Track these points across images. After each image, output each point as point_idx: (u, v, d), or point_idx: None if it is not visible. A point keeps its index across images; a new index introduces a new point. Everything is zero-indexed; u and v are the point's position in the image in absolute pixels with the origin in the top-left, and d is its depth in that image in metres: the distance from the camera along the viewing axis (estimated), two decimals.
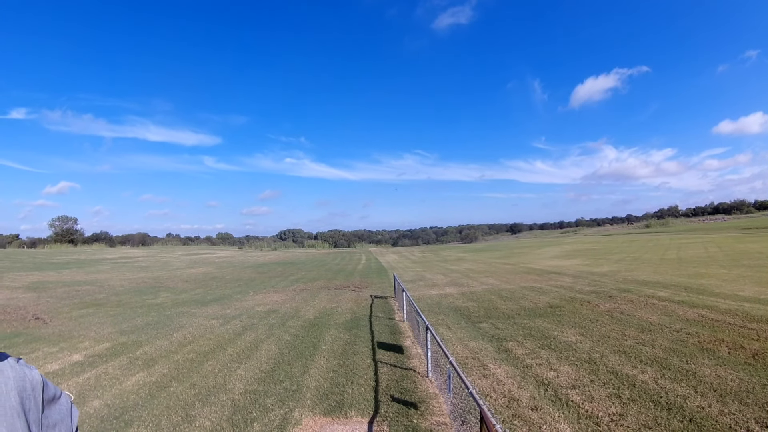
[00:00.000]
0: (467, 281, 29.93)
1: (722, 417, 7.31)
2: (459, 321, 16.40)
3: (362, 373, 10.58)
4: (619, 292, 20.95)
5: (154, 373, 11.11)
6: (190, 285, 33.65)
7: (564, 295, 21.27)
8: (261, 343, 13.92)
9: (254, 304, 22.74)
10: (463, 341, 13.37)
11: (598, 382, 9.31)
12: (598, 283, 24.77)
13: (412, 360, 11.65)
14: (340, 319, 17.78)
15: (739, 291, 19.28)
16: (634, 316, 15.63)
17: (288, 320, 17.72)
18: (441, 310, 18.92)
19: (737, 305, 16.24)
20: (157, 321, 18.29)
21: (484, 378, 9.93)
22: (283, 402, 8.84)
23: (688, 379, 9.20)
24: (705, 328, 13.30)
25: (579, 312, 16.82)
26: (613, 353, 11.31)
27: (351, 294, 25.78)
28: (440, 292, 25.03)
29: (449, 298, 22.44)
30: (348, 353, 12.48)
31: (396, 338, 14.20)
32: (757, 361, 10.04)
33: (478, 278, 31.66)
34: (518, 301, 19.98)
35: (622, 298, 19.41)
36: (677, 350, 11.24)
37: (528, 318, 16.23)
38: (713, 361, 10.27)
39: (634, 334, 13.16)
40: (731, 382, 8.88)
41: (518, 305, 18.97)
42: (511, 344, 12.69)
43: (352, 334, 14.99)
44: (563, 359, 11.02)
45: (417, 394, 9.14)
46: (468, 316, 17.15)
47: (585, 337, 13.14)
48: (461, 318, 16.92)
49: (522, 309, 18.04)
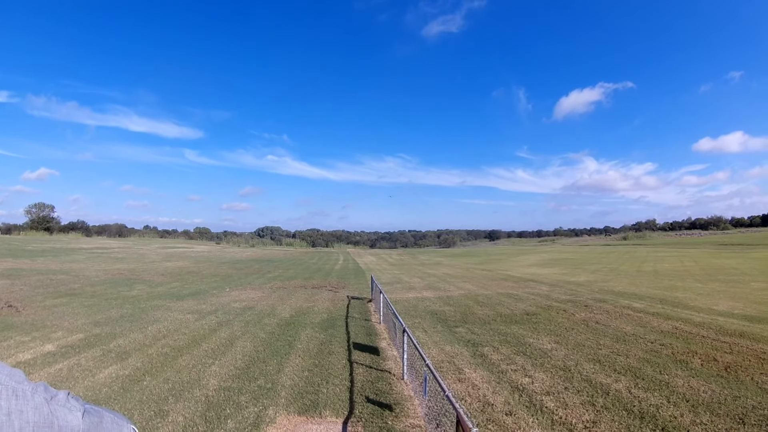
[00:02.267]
0: (444, 285, 30.10)
1: (694, 427, 7.50)
2: (435, 325, 16.51)
3: (337, 374, 10.60)
4: (595, 302, 21.25)
5: (127, 366, 10.99)
6: (166, 278, 33.33)
7: (540, 302, 21.51)
8: (236, 340, 13.86)
9: (230, 300, 22.64)
10: (439, 345, 13.46)
11: (573, 389, 9.47)
12: (574, 293, 25.08)
13: (388, 362, 11.71)
14: (317, 318, 17.79)
15: (713, 305, 19.68)
16: (609, 325, 15.88)
17: (264, 318, 17.68)
18: (418, 313, 19.03)
19: (711, 319, 16.60)
20: (132, 314, 18.09)
21: (459, 382, 10.02)
22: (258, 400, 8.82)
23: (661, 389, 9.40)
24: (679, 340, 13.59)
25: (555, 320, 17.04)
26: (588, 361, 11.50)
27: (328, 294, 25.79)
28: (417, 295, 25.17)
29: (426, 301, 22.58)
30: (323, 353, 12.50)
31: (372, 339, 14.25)
32: (729, 374, 10.29)
33: (455, 283, 31.85)
34: (495, 307, 20.17)
35: (597, 308, 19.69)
36: (651, 360, 11.47)
37: (504, 324, 16.40)
38: (686, 372, 10.51)
39: (608, 343, 13.39)
40: (704, 393, 9.10)
41: (495, 311, 19.15)
42: (487, 349, 12.81)
43: (328, 333, 15.00)
44: (538, 366, 11.17)
45: (392, 395, 9.18)
46: (444, 320, 17.27)
47: (560, 344, 13.33)
48: (438, 322, 17.03)
49: (498, 315, 18.22)
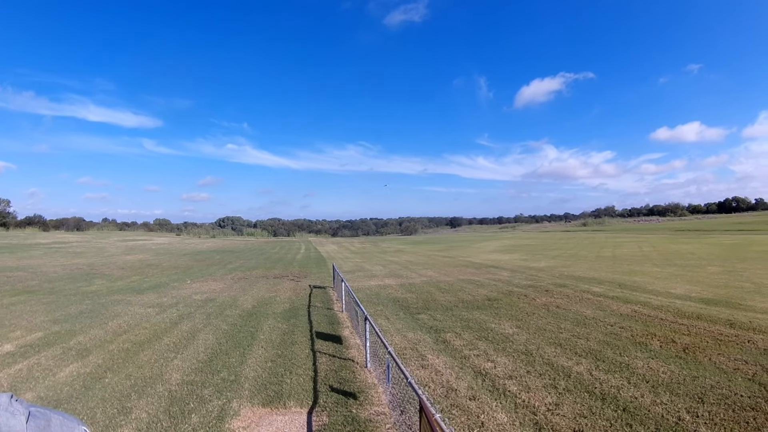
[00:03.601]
0: (406, 273, 30.23)
1: (654, 407, 7.68)
2: (398, 312, 16.57)
3: (301, 363, 10.57)
4: (555, 287, 21.65)
5: (88, 363, 10.72)
6: (126, 272, 32.59)
7: (502, 288, 21.78)
8: (198, 333, 13.69)
9: (191, 292, 22.31)
10: (402, 332, 13.52)
11: (535, 372, 9.61)
12: (535, 278, 25.51)
13: (351, 350, 11.71)
14: (279, 308, 17.68)
15: (671, 288, 20.27)
16: (569, 310, 16.19)
17: (226, 309, 17.51)
18: (380, 301, 19.07)
19: (669, 302, 17.08)
20: (92, 309, 17.62)
21: (422, 368, 10.07)
22: (221, 393, 8.73)
23: (621, 370, 9.62)
24: (638, 323, 13.93)
25: (516, 305, 17.27)
26: (549, 345, 11.69)
27: (290, 283, 25.65)
28: (379, 283, 25.22)
29: (388, 289, 22.64)
30: (286, 343, 12.44)
31: (335, 328, 14.23)
32: (687, 355, 10.60)
33: (417, 270, 32.03)
34: (457, 294, 20.35)
35: (558, 292, 20.06)
36: (611, 343, 11.73)
37: (466, 310, 16.55)
38: (646, 354, 10.78)
39: (569, 327, 13.65)
40: (663, 374, 9.35)
41: (456, 297, 19.32)
42: (450, 335, 12.91)
43: (291, 323, 14.93)
44: (500, 350, 11.30)
45: (356, 384, 9.19)
46: (407, 308, 17.35)
47: (522, 329, 13.52)
48: (400, 309, 17.10)
49: (460, 301, 18.38)
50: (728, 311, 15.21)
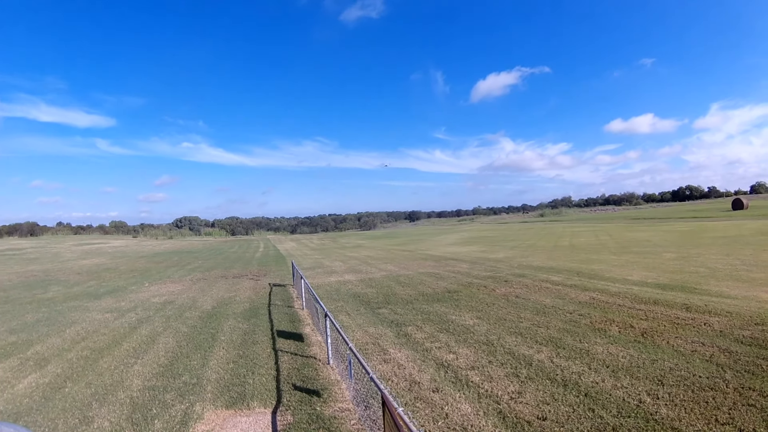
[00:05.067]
0: (366, 268, 30.26)
1: (615, 390, 7.89)
2: (358, 307, 16.64)
3: (263, 363, 10.57)
4: (514, 277, 21.96)
5: (47, 373, 10.49)
6: (82, 277, 31.82)
7: (461, 280, 22.00)
8: (158, 336, 13.56)
9: (150, 295, 22.00)
10: (363, 327, 13.58)
11: (496, 362, 9.75)
12: (494, 269, 25.81)
13: (313, 347, 11.74)
14: (239, 308, 17.60)
15: (628, 275, 20.79)
16: (529, 299, 16.46)
17: (185, 311, 17.35)
18: (340, 296, 19.10)
19: (626, 288, 17.52)
20: (49, 317, 17.28)
21: (384, 363, 10.13)
22: (184, 396, 8.64)
23: (581, 356, 9.85)
24: (596, 310, 14.26)
25: (476, 296, 17.47)
26: (510, 335, 11.88)
27: (249, 282, 25.49)
28: (339, 279, 25.19)
29: (348, 284, 22.64)
30: (247, 343, 12.41)
31: (296, 326, 14.24)
32: (645, 339, 10.91)
33: (376, 265, 32.08)
34: (417, 287, 20.46)
35: (517, 282, 20.35)
36: (571, 330, 12.00)
37: (426, 303, 16.67)
38: (605, 339, 11.05)
39: (529, 316, 13.89)
40: (622, 358, 9.60)
41: (417, 291, 19.44)
42: (411, 329, 13.00)
43: (251, 323, 14.89)
44: (462, 342, 11.44)
45: (319, 381, 9.23)
46: (367, 303, 17.42)
47: (482, 320, 13.70)
48: (360, 304, 17.16)
49: (420, 294, 18.50)
50: (684, 295, 15.70)
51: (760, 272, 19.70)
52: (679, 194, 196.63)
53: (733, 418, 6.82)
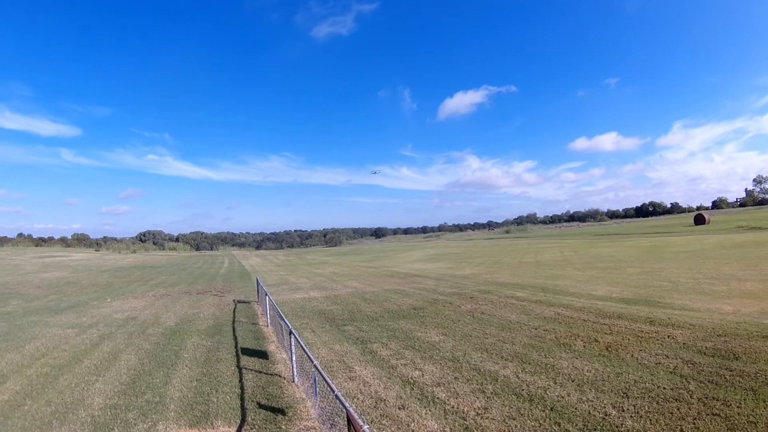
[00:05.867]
0: (331, 285, 30.18)
1: (581, 404, 7.98)
2: (323, 324, 16.58)
3: (227, 381, 10.47)
4: (480, 294, 22.10)
5: (5, 390, 10.24)
6: (43, 291, 31.35)
7: (427, 297, 22.05)
8: (120, 353, 13.34)
9: (112, 311, 21.68)
10: (328, 344, 13.53)
11: (462, 378, 9.78)
12: (460, 285, 25.95)
13: (278, 365, 11.67)
14: (203, 325, 17.42)
15: (592, 290, 21.12)
16: (494, 315, 16.57)
17: (148, 328, 17.12)
18: (305, 314, 19.02)
19: (591, 303, 17.79)
20: (7, 332, 16.98)
21: (350, 380, 10.10)
22: (146, 415, 8.50)
23: (547, 371, 9.94)
24: (561, 325, 14.44)
25: (442, 313, 17.53)
26: (476, 351, 11.93)
27: (213, 299, 25.26)
28: (304, 295, 25.10)
29: (313, 301, 22.57)
30: (211, 361, 12.28)
31: (260, 343, 14.15)
32: (610, 353, 11.08)
33: (342, 281, 32.03)
34: (382, 304, 20.45)
35: (483, 299, 20.48)
36: (536, 346, 12.11)
37: (392, 320, 16.67)
38: (570, 354, 11.19)
39: (494, 332, 13.97)
40: (587, 372, 9.73)
41: (382, 308, 19.43)
42: (376, 346, 12.99)
43: (215, 340, 14.75)
44: (427, 358, 11.44)
45: (284, 399, 9.17)
46: (332, 320, 17.37)
47: (448, 336, 13.74)
48: (325, 321, 17.10)
49: (386, 311, 18.49)
50: (648, 309, 16.00)
51: (722, 285, 20.22)
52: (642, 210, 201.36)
53: (698, 428, 6.95)
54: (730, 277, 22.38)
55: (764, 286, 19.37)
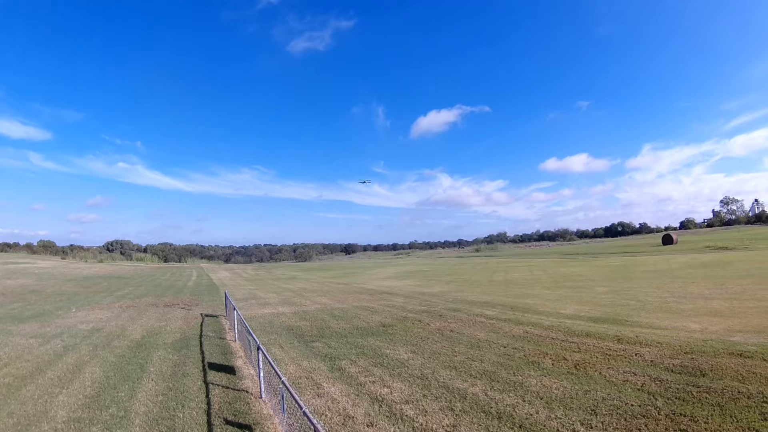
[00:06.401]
0: (300, 300, 30.07)
1: (550, 421, 8.02)
2: (292, 340, 16.47)
3: (193, 396, 10.34)
4: (449, 312, 22.15)
5: None
6: (6, 299, 30.90)
7: (396, 314, 22.02)
8: (84, 365, 13.14)
9: (77, 321, 21.35)
10: (296, 361, 13.45)
11: (431, 396, 9.77)
12: (429, 303, 25.98)
13: (245, 381, 11.56)
14: (169, 338, 17.19)
15: (561, 309, 21.33)
16: (463, 333, 16.61)
17: (113, 340, 16.86)
18: (273, 329, 18.87)
19: (559, 322, 17.96)
20: None
21: (318, 397, 10.04)
22: (111, 430, 8.40)
23: (516, 389, 9.99)
24: (530, 343, 14.53)
25: (411, 330, 17.52)
26: (444, 369, 11.94)
27: (180, 312, 24.95)
28: (273, 311, 24.94)
29: (282, 317, 22.42)
30: (178, 375, 12.13)
31: (228, 359, 14.00)
32: (578, 371, 11.19)
33: (311, 297, 31.91)
34: (351, 321, 20.37)
35: (452, 317, 20.53)
36: (505, 364, 12.17)
37: (361, 337, 16.61)
38: (539, 372, 11.27)
39: (463, 350, 14.01)
40: (556, 390, 9.80)
41: (351, 324, 19.35)
42: (345, 363, 12.94)
43: (182, 354, 14.58)
44: (396, 376, 11.42)
45: (251, 415, 9.09)
46: (301, 336, 17.26)
47: (417, 354, 13.74)
48: (294, 337, 16.99)
49: (355, 328, 18.42)
50: (616, 328, 16.23)
51: (689, 304, 20.65)
52: (611, 230, 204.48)
53: None
54: (697, 296, 22.88)
55: (730, 304, 19.84)
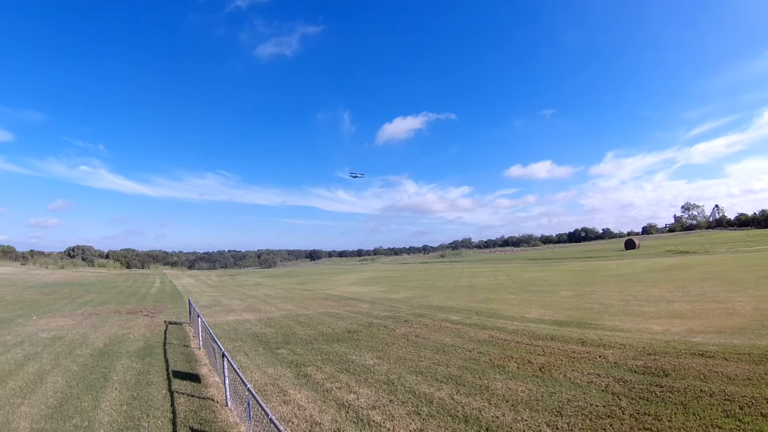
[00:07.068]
0: (265, 307, 29.91)
1: (516, 423, 8.14)
2: (257, 347, 16.37)
3: (158, 405, 10.21)
4: (414, 317, 22.27)
5: None
6: None
7: (361, 320, 22.05)
8: (46, 375, 12.86)
9: (38, 329, 20.85)
10: (262, 368, 13.38)
11: (397, 401, 9.82)
12: (394, 309, 26.08)
13: (210, 389, 11.49)
14: (133, 346, 16.91)
15: (525, 313, 21.62)
16: (429, 338, 16.72)
17: (76, 348, 16.53)
18: (238, 336, 18.74)
19: (524, 326, 18.21)
20: None
21: (284, 404, 10.01)
22: None
23: (482, 393, 10.10)
24: (495, 347, 14.70)
25: (376, 336, 17.56)
26: (410, 374, 12.01)
27: (144, 319, 24.55)
28: (237, 317, 24.77)
29: (246, 324, 22.26)
30: (142, 384, 11.96)
31: (192, 366, 13.87)
32: (543, 373, 11.38)
33: (276, 304, 31.76)
34: (316, 327, 20.32)
35: (417, 322, 20.64)
36: (470, 368, 12.29)
37: (326, 343, 16.58)
38: (504, 375, 11.41)
39: (429, 355, 14.10)
40: (521, 392, 9.94)
41: (316, 331, 19.30)
42: (310, 369, 12.91)
43: (146, 362, 14.36)
44: (362, 382, 11.44)
45: (217, 424, 9.03)
46: (266, 343, 17.18)
47: (382, 359, 13.78)
48: (259, 344, 16.91)
49: (320, 334, 18.37)
50: (580, 331, 16.54)
51: (651, 306, 21.20)
52: (575, 236, 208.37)
53: None
54: (659, 299, 23.48)
55: (691, 306, 20.42)
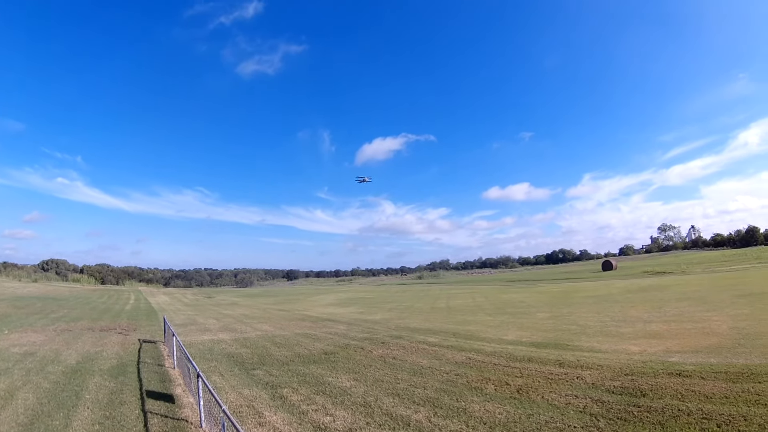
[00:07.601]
0: (241, 327, 29.70)
1: None
2: (232, 368, 16.25)
3: (131, 425, 10.14)
4: (391, 339, 22.22)
5: None
6: None
7: (338, 341, 21.93)
8: (17, 392, 12.71)
9: (9, 344, 20.55)
10: (237, 389, 13.28)
11: (374, 424, 9.80)
12: (371, 330, 26.00)
13: (184, 409, 11.38)
14: (106, 364, 16.71)
15: (503, 335, 21.69)
16: (406, 360, 16.69)
17: (48, 365, 16.31)
18: (213, 356, 18.58)
19: (501, 347, 18.25)
20: None
21: (260, 426, 9.96)
22: None
23: (459, 415, 10.11)
24: (473, 369, 14.72)
25: (353, 358, 17.47)
26: (387, 396, 11.99)
27: (118, 337, 24.25)
28: (213, 337, 24.57)
29: (222, 344, 22.08)
30: (114, 403, 11.84)
31: (166, 386, 13.73)
32: (521, 395, 11.42)
33: (252, 324, 31.55)
34: (293, 348, 20.18)
35: (394, 344, 20.59)
36: (448, 390, 12.30)
37: (303, 365, 16.47)
38: (481, 397, 11.43)
39: (406, 377, 14.08)
40: (499, 414, 9.98)
41: (293, 352, 19.16)
42: (286, 391, 12.83)
43: (119, 381, 14.21)
44: (339, 404, 11.40)
45: None
46: (241, 363, 17.05)
47: (359, 381, 13.72)
48: (234, 365, 16.78)
49: (296, 356, 18.25)
50: (557, 352, 16.63)
51: (628, 327, 21.40)
52: (552, 257, 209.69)
53: None
54: (636, 319, 23.72)
55: (668, 326, 20.65)
